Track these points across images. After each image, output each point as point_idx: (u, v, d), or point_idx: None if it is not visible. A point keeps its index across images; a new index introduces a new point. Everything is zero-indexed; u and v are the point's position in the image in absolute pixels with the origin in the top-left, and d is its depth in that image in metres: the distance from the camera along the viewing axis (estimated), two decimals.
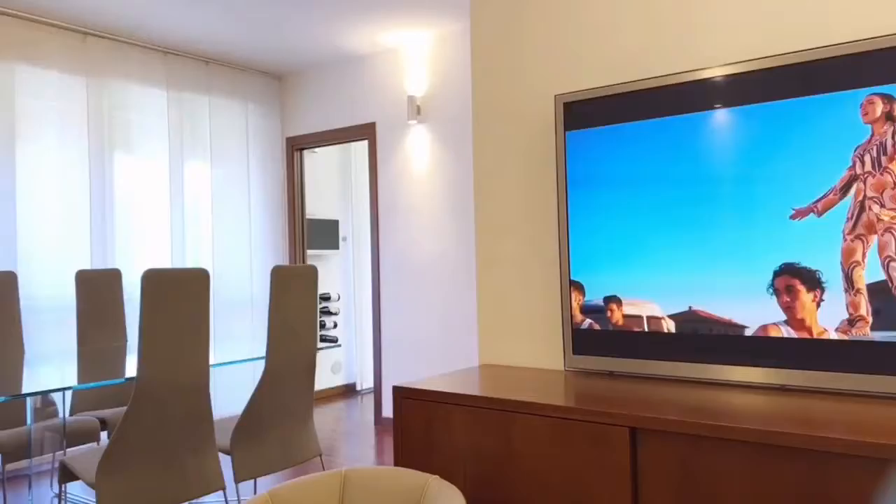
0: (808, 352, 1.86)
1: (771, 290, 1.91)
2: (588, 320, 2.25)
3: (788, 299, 1.89)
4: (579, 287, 2.26)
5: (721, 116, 1.99)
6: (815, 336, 1.85)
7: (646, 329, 2.13)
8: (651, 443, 1.69)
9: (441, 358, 4.76)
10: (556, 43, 2.44)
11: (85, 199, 4.37)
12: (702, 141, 2.03)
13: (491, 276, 2.61)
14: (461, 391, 2.06)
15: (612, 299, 2.20)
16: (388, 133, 5.07)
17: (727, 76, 1.99)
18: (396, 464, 2.17)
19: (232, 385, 4.16)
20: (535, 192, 2.49)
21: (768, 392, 1.89)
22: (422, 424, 2.12)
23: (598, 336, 2.23)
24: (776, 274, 1.90)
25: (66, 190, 4.29)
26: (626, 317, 2.17)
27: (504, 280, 2.57)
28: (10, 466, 3.31)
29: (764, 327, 1.93)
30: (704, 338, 2.03)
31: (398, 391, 2.17)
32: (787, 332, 1.89)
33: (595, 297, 2.23)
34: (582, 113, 2.26)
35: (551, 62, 2.45)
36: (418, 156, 4.90)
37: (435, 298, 4.81)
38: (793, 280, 1.88)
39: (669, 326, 2.08)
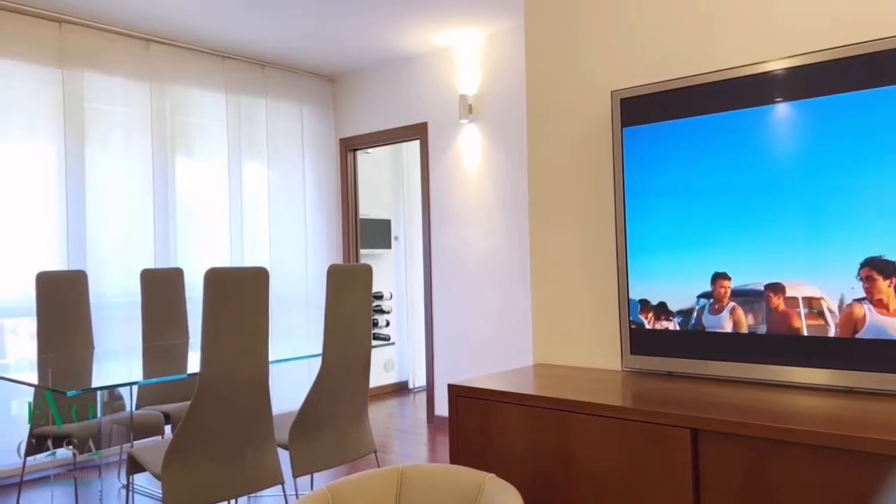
0: (877, 354, 1.79)
1: (857, 283, 1.84)
2: (647, 319, 2.21)
3: (870, 288, 1.82)
4: (638, 285, 2.23)
5: (786, 110, 1.93)
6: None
7: (708, 329, 2.08)
8: (713, 445, 1.65)
9: (493, 357, 4.75)
10: (611, 38, 2.41)
11: (148, 201, 4.53)
12: (766, 135, 1.97)
13: (546, 274, 2.59)
14: (517, 390, 2.06)
15: (667, 298, 2.16)
16: (439, 132, 5.09)
17: (791, 68, 1.93)
18: (452, 461, 2.18)
19: (288, 381, 4.24)
20: (590, 189, 2.46)
21: (832, 394, 1.83)
22: (477, 423, 2.12)
23: (657, 336, 2.19)
24: (860, 267, 1.83)
25: (131, 192, 4.45)
26: (687, 316, 2.13)
27: (559, 278, 2.55)
28: (80, 457, 3.46)
29: (837, 325, 1.86)
30: (767, 338, 1.97)
31: (453, 389, 2.18)
32: (871, 321, 1.82)
33: (655, 296, 2.19)
34: (639, 109, 2.22)
35: (607, 58, 2.42)
36: (470, 155, 4.90)
37: (487, 297, 4.81)
38: (874, 273, 1.80)
39: (733, 326, 2.03)
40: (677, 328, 2.14)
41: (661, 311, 2.18)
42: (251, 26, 4.46)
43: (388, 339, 6.16)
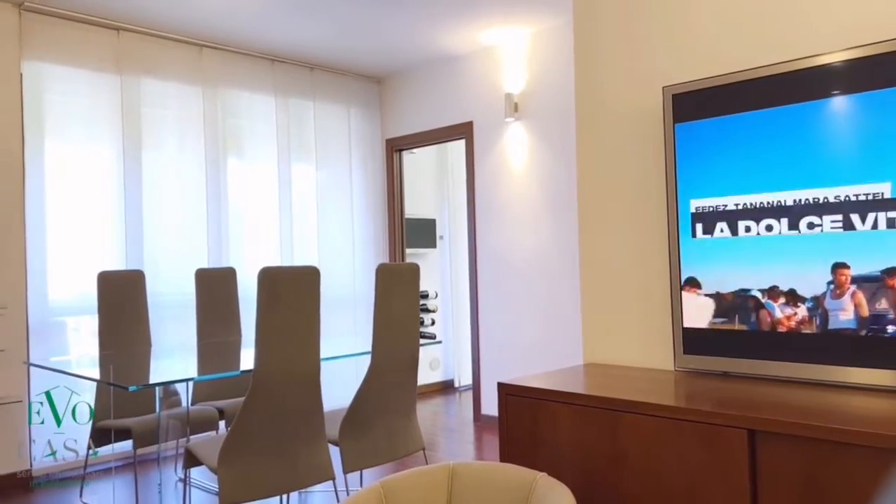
0: None
1: None
2: (700, 318, 2.18)
3: None
4: (690, 284, 2.19)
5: (843, 104, 1.88)
6: None
7: (765, 328, 2.04)
8: (772, 446, 1.62)
9: (540, 355, 4.73)
10: (662, 33, 2.38)
11: (202, 202, 4.65)
12: (826, 130, 1.92)
13: (595, 273, 2.57)
14: (567, 389, 2.05)
15: (725, 296, 2.12)
16: (484, 131, 5.09)
17: (851, 60, 1.87)
18: (502, 460, 2.18)
19: (336, 379, 4.30)
20: (641, 187, 2.43)
21: (892, 395, 1.77)
22: (527, 421, 2.12)
23: (711, 335, 2.15)
24: None
25: (185, 193, 4.58)
26: (741, 316, 2.09)
27: (609, 277, 2.53)
28: (139, 451, 3.58)
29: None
30: (825, 337, 1.92)
31: (503, 388, 2.19)
32: None
33: (708, 295, 2.16)
34: (692, 104, 2.19)
35: (658, 54, 2.39)
36: (515, 153, 4.89)
37: (533, 296, 4.79)
38: None
39: (791, 326, 1.99)
40: (734, 327, 2.10)
41: (717, 309, 2.14)
42: (300, 30, 4.53)
43: (434, 338, 6.19)
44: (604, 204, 2.55)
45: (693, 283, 2.19)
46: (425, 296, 6.35)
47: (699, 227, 2.18)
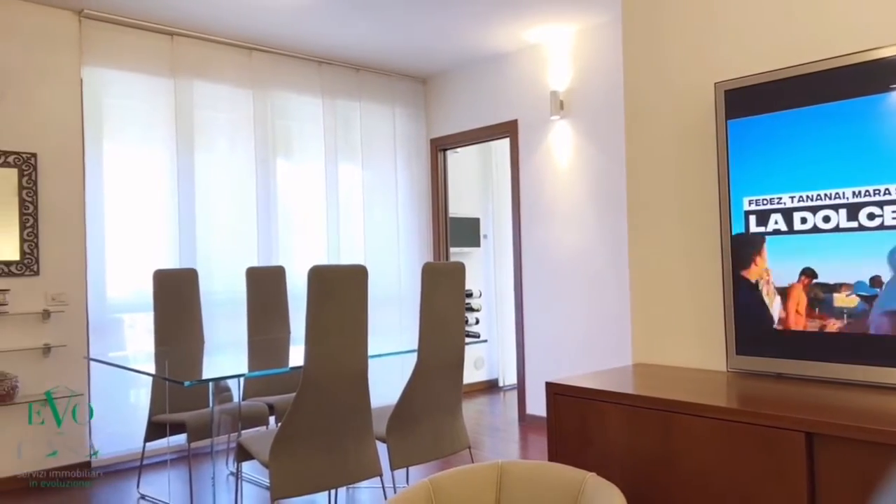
0: None
1: None
2: (753, 318, 2.13)
3: None
4: (743, 283, 2.15)
5: None
6: None
7: (821, 328, 1.99)
8: (831, 450, 1.58)
9: (585, 355, 4.69)
10: (713, 28, 2.34)
11: (252, 202, 4.75)
12: (889, 125, 1.85)
13: (645, 272, 2.54)
14: (616, 389, 2.03)
15: (780, 295, 2.07)
16: (529, 130, 5.07)
17: None
18: (550, 459, 2.18)
19: (382, 376, 4.34)
20: (692, 184, 2.39)
21: None
22: (575, 421, 2.11)
23: (765, 335, 2.11)
24: None
25: (236, 193, 4.69)
26: (797, 315, 2.04)
27: (659, 276, 2.49)
28: (192, 444, 3.69)
29: None
30: (885, 338, 1.86)
31: (551, 387, 2.18)
32: None
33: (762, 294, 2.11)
34: (745, 100, 2.14)
35: (709, 49, 2.35)
36: (561, 151, 4.86)
37: (578, 295, 4.75)
38: None
39: (849, 328, 1.93)
40: (790, 328, 2.06)
41: (769, 310, 2.09)
42: (346, 31, 4.59)
43: (479, 337, 6.20)
44: (653, 201, 2.51)
45: (742, 283, 2.15)
46: (469, 295, 6.36)
47: (753, 223, 2.13)
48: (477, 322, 6.40)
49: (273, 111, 4.90)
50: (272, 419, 3.78)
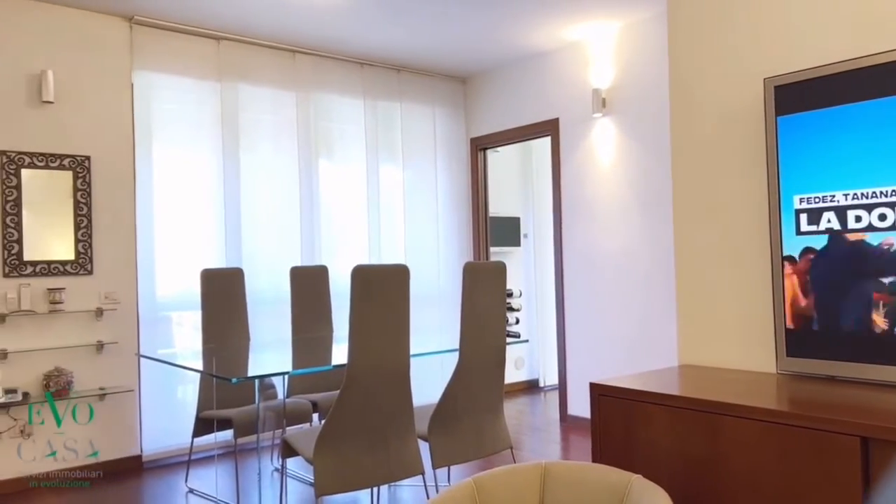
0: None
1: None
2: (805, 319, 2.08)
3: None
4: (794, 283, 2.10)
5: None
6: None
7: (875, 330, 1.93)
8: (887, 455, 1.53)
9: (628, 356, 4.63)
10: (761, 23, 2.28)
11: (295, 202, 4.83)
12: None
13: (691, 271, 2.50)
14: (663, 390, 2.01)
15: (832, 296, 2.01)
16: (571, 128, 5.03)
17: None
18: (594, 460, 2.16)
19: (421, 375, 4.35)
20: (740, 182, 2.35)
21: None
22: (620, 422, 2.09)
23: (817, 336, 2.05)
24: None
25: (280, 194, 4.77)
26: (850, 316, 1.98)
27: (706, 275, 2.45)
28: (239, 440, 3.76)
29: None
30: None
31: (596, 388, 2.16)
32: None
33: (814, 294, 2.06)
34: (795, 96, 2.09)
35: (758, 44, 2.30)
36: (603, 149, 4.81)
37: (621, 295, 4.70)
38: None
39: None
40: (842, 329, 2.00)
41: (824, 311, 2.04)
42: (388, 33, 4.63)
43: (519, 337, 6.17)
44: (700, 199, 2.47)
45: (793, 283, 2.09)
46: (509, 294, 6.34)
47: (804, 221, 2.08)
48: (517, 322, 6.38)
49: (315, 113, 4.97)
50: (315, 416, 3.83)
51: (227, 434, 3.75)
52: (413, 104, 5.51)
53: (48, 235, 3.90)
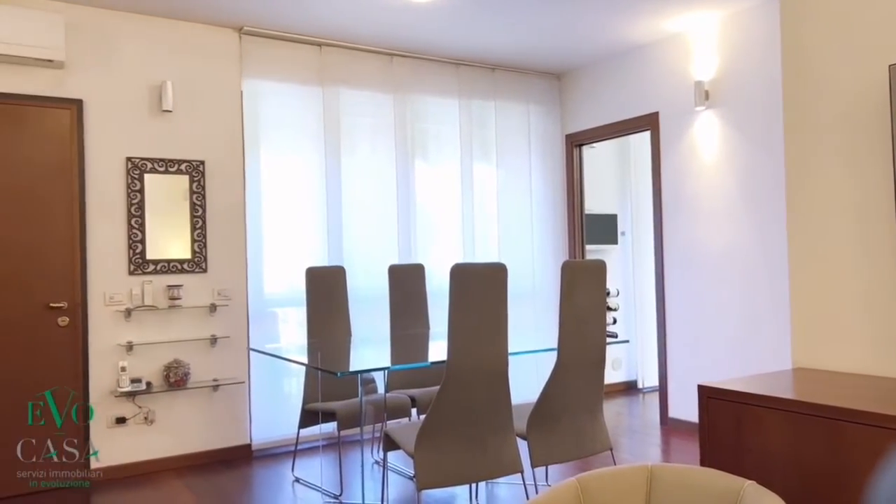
0: None
1: None
2: None
3: None
4: None
5: None
6: None
7: None
8: None
9: (734, 358, 4.44)
10: (883, 7, 2.14)
11: (392, 202, 4.94)
12: None
13: (807, 271, 2.38)
14: (777, 394, 1.92)
15: None
16: (671, 122, 4.88)
17: None
18: (702, 464, 2.10)
19: (517, 373, 4.36)
20: (863, 174, 2.21)
21: None
22: (730, 426, 2.01)
23: None
24: None
25: (378, 194, 4.89)
26: None
27: (824, 275, 2.32)
28: (342, 432, 3.90)
29: None
30: None
31: (704, 391, 2.10)
32: None
33: None
34: None
35: (881, 29, 2.15)
36: (706, 144, 4.63)
37: (726, 294, 4.51)
38: None
39: None
40: None
41: None
42: (483, 32, 4.65)
43: (617, 337, 6.05)
44: (817, 195, 2.34)
45: None
46: (607, 293, 6.21)
47: None
48: (614, 322, 6.25)
49: (413, 114, 5.06)
50: (413, 411, 3.91)
51: (330, 426, 3.88)
52: (507, 102, 5.51)
53: (167, 236, 4.17)
